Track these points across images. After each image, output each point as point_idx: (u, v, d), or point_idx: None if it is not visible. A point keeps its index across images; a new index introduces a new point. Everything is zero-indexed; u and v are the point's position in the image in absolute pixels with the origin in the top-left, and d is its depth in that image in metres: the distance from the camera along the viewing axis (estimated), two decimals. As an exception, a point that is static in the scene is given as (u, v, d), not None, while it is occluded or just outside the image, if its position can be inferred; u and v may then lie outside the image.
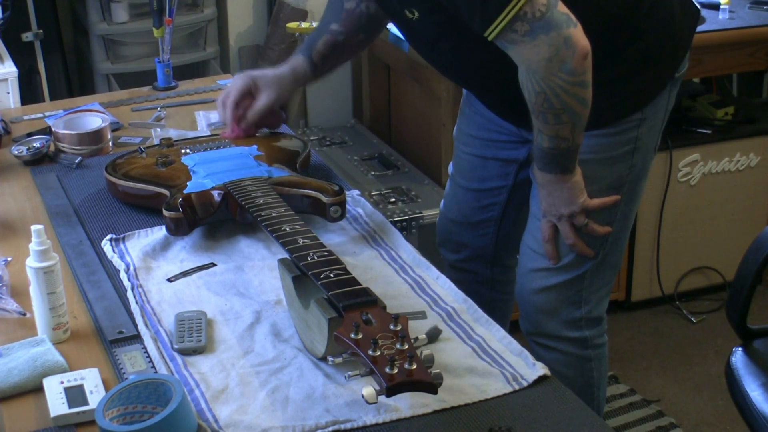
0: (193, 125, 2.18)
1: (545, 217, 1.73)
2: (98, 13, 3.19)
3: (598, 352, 1.89)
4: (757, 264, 1.86)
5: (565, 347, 1.85)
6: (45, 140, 2.01)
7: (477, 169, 1.96)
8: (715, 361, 2.86)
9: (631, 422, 2.60)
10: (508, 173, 1.93)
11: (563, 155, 1.61)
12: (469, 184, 1.98)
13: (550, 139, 1.59)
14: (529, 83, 1.53)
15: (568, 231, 1.72)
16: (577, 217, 1.70)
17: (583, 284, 1.81)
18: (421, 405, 1.22)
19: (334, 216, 1.64)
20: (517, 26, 1.47)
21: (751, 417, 1.78)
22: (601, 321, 1.88)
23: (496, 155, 1.92)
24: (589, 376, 1.89)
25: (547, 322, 1.83)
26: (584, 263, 1.78)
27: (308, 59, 1.87)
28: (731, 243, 3.08)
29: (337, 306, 1.24)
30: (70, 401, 1.23)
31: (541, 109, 1.54)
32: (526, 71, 1.52)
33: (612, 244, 1.79)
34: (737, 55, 2.85)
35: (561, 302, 1.81)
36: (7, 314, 1.45)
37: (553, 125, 1.56)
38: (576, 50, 1.48)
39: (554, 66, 1.49)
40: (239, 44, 3.44)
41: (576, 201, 1.68)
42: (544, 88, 1.51)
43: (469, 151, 1.97)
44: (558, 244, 1.76)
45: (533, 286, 1.82)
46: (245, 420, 1.20)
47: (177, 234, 1.62)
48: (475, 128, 1.94)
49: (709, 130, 3.00)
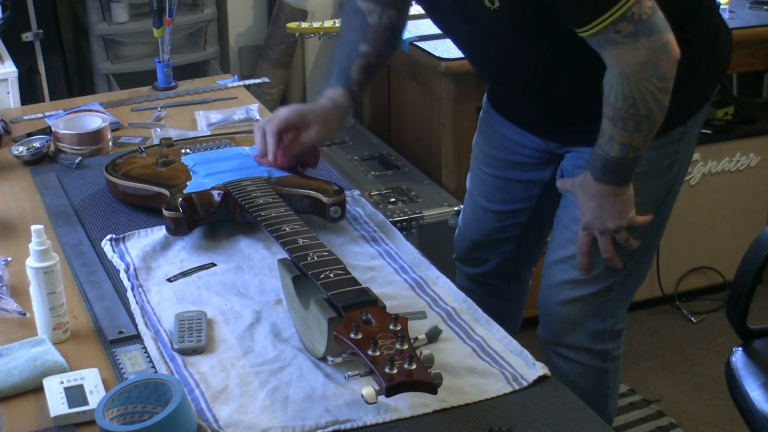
0: (193, 125, 2.18)
1: (586, 230, 1.69)
2: (98, 13, 3.19)
3: (616, 364, 1.88)
4: (757, 264, 1.86)
5: (585, 359, 1.82)
6: (45, 140, 2.01)
7: (499, 191, 1.93)
8: (715, 361, 2.86)
9: (631, 422, 2.60)
10: (531, 195, 1.90)
11: (627, 166, 1.58)
12: (490, 205, 1.94)
13: (620, 148, 1.55)
14: (619, 87, 1.50)
15: (609, 245, 1.68)
16: (621, 232, 1.67)
17: (610, 296, 1.78)
18: (421, 405, 1.22)
19: (334, 216, 1.64)
20: (622, 26, 1.44)
21: (751, 417, 1.78)
22: (621, 334, 1.86)
23: (520, 177, 1.88)
24: (604, 387, 1.87)
25: (570, 334, 1.81)
26: (613, 275, 1.75)
27: (348, 90, 1.76)
28: (731, 243, 3.08)
29: (336, 306, 1.24)
30: (70, 401, 1.23)
31: (625, 115, 1.51)
32: (619, 74, 1.49)
33: (641, 257, 1.77)
34: (737, 55, 2.81)
35: (587, 314, 1.79)
36: (7, 314, 1.45)
37: (630, 133, 1.53)
38: (671, 56, 1.47)
39: (648, 70, 1.47)
40: (239, 44, 3.44)
41: (625, 215, 1.65)
42: (634, 93, 1.49)
43: (491, 173, 1.93)
44: (591, 256, 1.73)
45: (560, 297, 1.79)
46: (245, 420, 1.20)
47: (177, 234, 1.62)
48: (496, 149, 1.90)
49: (709, 130, 3.00)
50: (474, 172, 1.99)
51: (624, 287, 1.79)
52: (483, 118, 1.95)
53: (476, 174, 1.98)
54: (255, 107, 2.26)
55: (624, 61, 1.48)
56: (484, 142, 1.94)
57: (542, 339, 1.86)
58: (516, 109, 1.83)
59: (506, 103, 1.86)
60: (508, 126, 1.85)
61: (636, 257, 1.75)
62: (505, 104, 1.87)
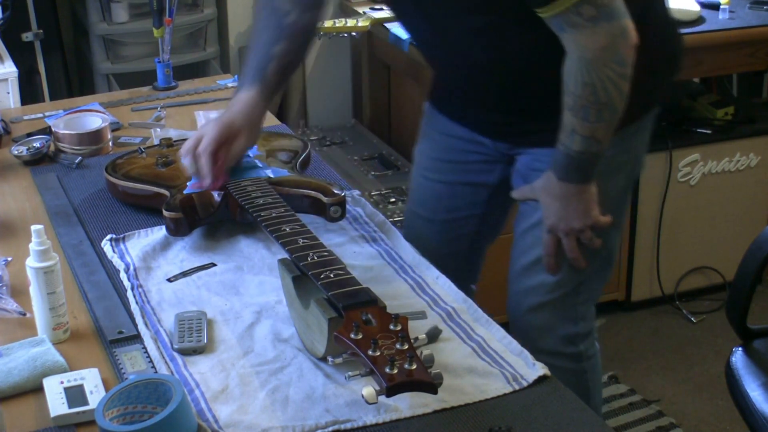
0: (193, 125, 2.17)
1: (551, 233, 1.68)
2: (98, 13, 3.19)
3: (592, 362, 1.87)
4: (757, 264, 1.86)
5: (561, 363, 1.80)
6: (45, 140, 2.01)
7: (445, 198, 1.88)
8: (715, 361, 2.85)
9: (631, 422, 2.60)
10: (478, 201, 1.86)
11: (590, 161, 1.57)
12: (433, 216, 1.88)
13: (583, 141, 1.54)
14: (579, 73, 1.49)
15: (574, 245, 1.67)
16: (586, 231, 1.66)
17: (578, 299, 1.78)
18: (421, 405, 1.22)
19: (334, 216, 1.64)
20: (584, 9, 1.43)
21: (751, 417, 1.78)
22: (592, 332, 1.85)
23: (466, 180, 1.84)
24: (584, 387, 1.86)
25: (543, 339, 1.79)
26: (579, 277, 1.74)
27: (263, 91, 1.69)
28: (731, 243, 3.08)
29: (337, 306, 1.24)
30: (70, 401, 1.23)
31: (585, 102, 1.50)
32: (579, 60, 1.49)
33: (605, 256, 1.76)
34: (737, 55, 2.85)
35: (557, 318, 1.78)
36: (7, 314, 1.45)
37: (592, 123, 1.52)
38: (630, 41, 1.47)
39: (608, 55, 1.47)
40: (239, 44, 3.44)
41: (590, 214, 1.64)
42: (594, 79, 1.48)
43: (434, 178, 1.88)
44: (557, 257, 1.71)
45: (529, 303, 1.78)
46: (245, 420, 1.21)
47: (177, 234, 1.62)
48: (441, 151, 1.86)
49: (709, 130, 3.00)
50: (416, 184, 1.93)
51: (590, 288, 1.78)
52: (426, 123, 1.91)
53: (419, 184, 1.92)
54: (255, 107, 2.25)
55: (584, 45, 1.48)
56: (428, 148, 1.89)
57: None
58: (465, 109, 1.80)
59: (454, 103, 1.83)
60: (455, 126, 1.82)
61: (600, 256, 1.74)
62: (452, 105, 1.83)
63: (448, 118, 1.83)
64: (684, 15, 2.78)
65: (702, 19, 2.80)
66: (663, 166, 2.94)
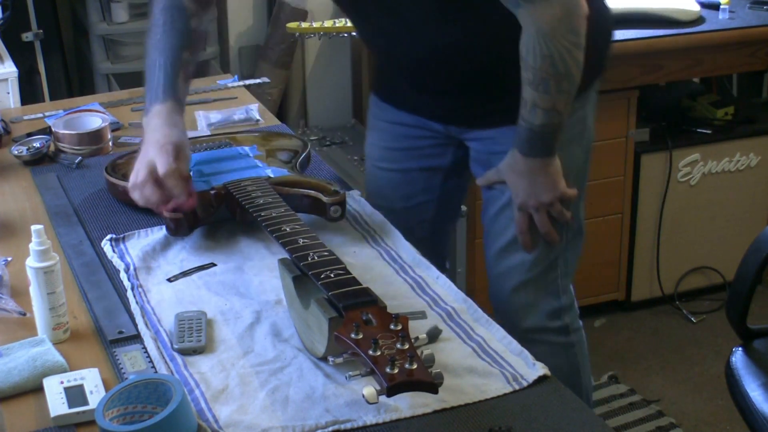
0: (193, 125, 2.17)
1: (522, 210, 1.72)
2: (98, 13, 3.19)
3: (578, 336, 1.91)
4: (757, 264, 1.86)
5: (549, 338, 1.85)
6: (45, 140, 2.01)
7: (401, 186, 1.91)
8: (715, 361, 2.86)
9: (631, 422, 2.60)
10: (433, 186, 1.90)
11: (552, 134, 1.62)
12: (392, 205, 1.87)
13: (544, 114, 1.58)
14: (537, 46, 1.52)
15: (546, 220, 1.72)
16: (556, 204, 1.70)
17: (557, 272, 1.82)
18: (421, 405, 1.22)
19: (334, 216, 1.64)
20: None
21: (751, 417, 1.78)
22: (573, 305, 1.89)
23: (420, 165, 1.88)
24: (575, 362, 1.90)
25: (529, 317, 1.83)
26: (555, 251, 1.79)
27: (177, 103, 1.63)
28: (731, 243, 3.08)
29: (337, 306, 1.24)
30: (70, 401, 1.23)
31: (545, 75, 1.54)
32: (535, 33, 1.52)
33: (576, 228, 1.81)
34: (737, 55, 2.85)
35: (540, 295, 1.82)
36: (7, 314, 1.45)
37: (553, 95, 1.56)
38: (582, 11, 1.52)
39: (563, 26, 1.51)
40: (239, 44, 3.44)
41: (558, 186, 1.69)
42: (552, 51, 1.52)
43: (388, 167, 1.91)
44: (531, 234, 1.76)
45: (511, 283, 1.81)
46: (245, 420, 1.20)
47: (177, 234, 1.62)
48: (392, 140, 1.89)
49: (709, 130, 3.00)
50: (370, 177, 1.96)
51: (567, 261, 1.83)
52: (373, 115, 1.94)
53: (374, 176, 1.95)
54: (255, 107, 2.26)
55: (540, 18, 1.51)
56: (378, 139, 1.93)
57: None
58: (415, 97, 1.83)
59: (403, 92, 1.85)
60: (403, 115, 1.85)
61: (572, 228, 1.80)
62: (401, 94, 1.86)
63: (396, 107, 1.87)
64: (684, 15, 2.79)
65: (702, 19, 2.81)
66: (663, 166, 2.94)
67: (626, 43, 2.67)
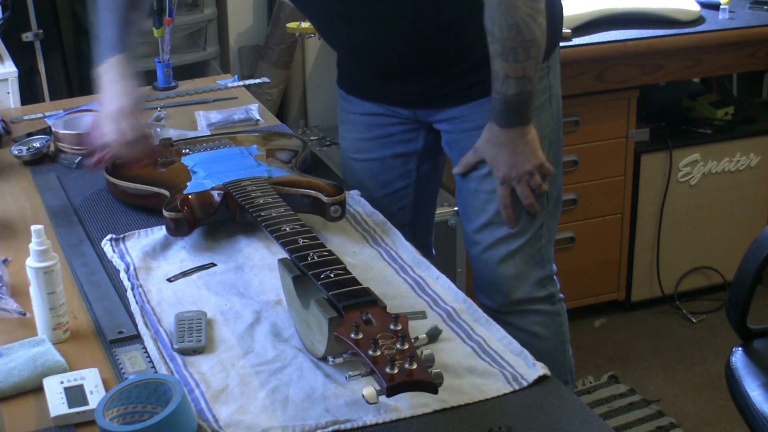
0: (193, 125, 2.18)
1: (503, 184, 1.74)
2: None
3: (562, 305, 1.94)
4: (757, 264, 1.86)
5: (539, 306, 1.88)
6: (45, 140, 2.01)
7: (377, 174, 1.96)
8: (715, 361, 2.86)
9: (631, 422, 2.60)
10: (409, 170, 1.95)
11: (525, 101, 1.65)
12: (371, 195, 1.91)
13: (516, 83, 1.62)
14: (502, 17, 1.57)
15: (528, 191, 1.75)
16: (536, 175, 1.73)
17: (542, 242, 1.85)
18: (421, 405, 1.22)
19: (334, 216, 1.64)
20: None
21: (751, 417, 1.78)
22: (554, 274, 1.92)
23: (394, 152, 1.93)
24: (561, 332, 1.93)
25: (518, 289, 1.85)
26: (538, 221, 1.82)
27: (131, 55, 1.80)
28: (731, 243, 3.08)
29: (337, 306, 1.24)
30: (70, 401, 1.23)
31: (513, 44, 1.59)
32: (498, 5, 1.57)
33: (556, 196, 1.85)
34: (737, 55, 2.85)
35: (527, 265, 1.84)
36: (7, 314, 1.45)
37: (522, 62, 1.60)
38: None
39: None
40: (239, 44, 3.44)
41: (537, 153, 1.71)
42: (517, 20, 1.57)
43: (363, 158, 1.96)
44: (514, 207, 1.79)
45: (498, 256, 1.84)
46: (245, 420, 1.20)
47: (177, 234, 1.62)
48: (363, 130, 1.94)
49: (709, 130, 3.00)
50: (348, 170, 2.01)
51: (550, 230, 1.87)
52: (342, 109, 1.98)
53: (351, 169, 1.99)
54: (255, 107, 2.26)
55: None
56: (350, 131, 1.97)
57: (493, 307, 1.88)
58: (376, 84, 1.87)
59: (368, 83, 1.89)
60: (371, 105, 1.90)
61: (552, 197, 1.84)
62: (363, 84, 1.90)
63: (362, 98, 1.91)
64: (684, 15, 2.79)
65: (702, 19, 2.81)
66: (663, 166, 2.94)
67: (626, 43, 2.68)
